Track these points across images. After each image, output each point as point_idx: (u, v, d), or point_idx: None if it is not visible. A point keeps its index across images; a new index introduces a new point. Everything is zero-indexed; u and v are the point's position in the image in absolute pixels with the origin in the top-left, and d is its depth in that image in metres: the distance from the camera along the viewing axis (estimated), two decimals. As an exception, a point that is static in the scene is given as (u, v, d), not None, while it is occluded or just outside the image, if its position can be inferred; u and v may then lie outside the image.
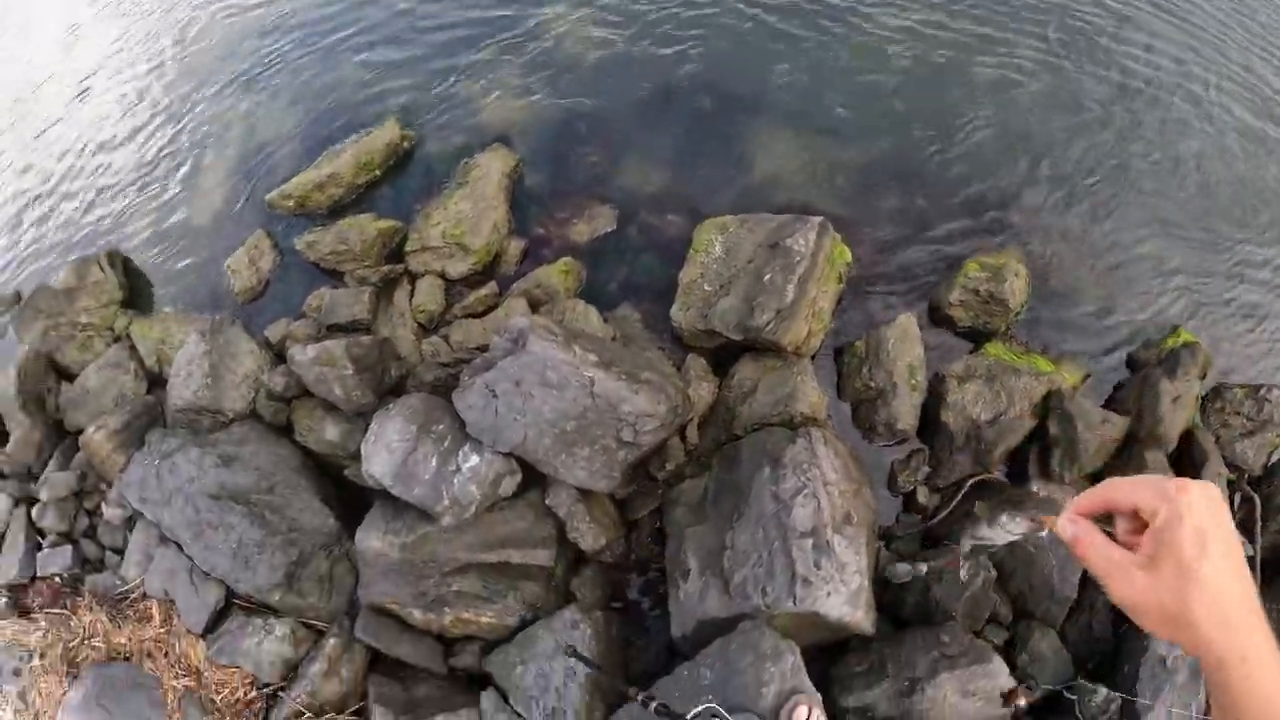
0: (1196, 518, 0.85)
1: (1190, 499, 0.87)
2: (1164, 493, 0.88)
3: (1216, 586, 0.83)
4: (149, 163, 5.63)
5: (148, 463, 3.93)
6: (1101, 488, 0.97)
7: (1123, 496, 0.94)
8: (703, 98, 4.75)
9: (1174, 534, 0.86)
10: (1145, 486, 0.91)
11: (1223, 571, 0.84)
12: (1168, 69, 5.09)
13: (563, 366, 3.29)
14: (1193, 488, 0.88)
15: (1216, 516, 0.87)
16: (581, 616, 3.34)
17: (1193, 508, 0.86)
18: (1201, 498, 0.87)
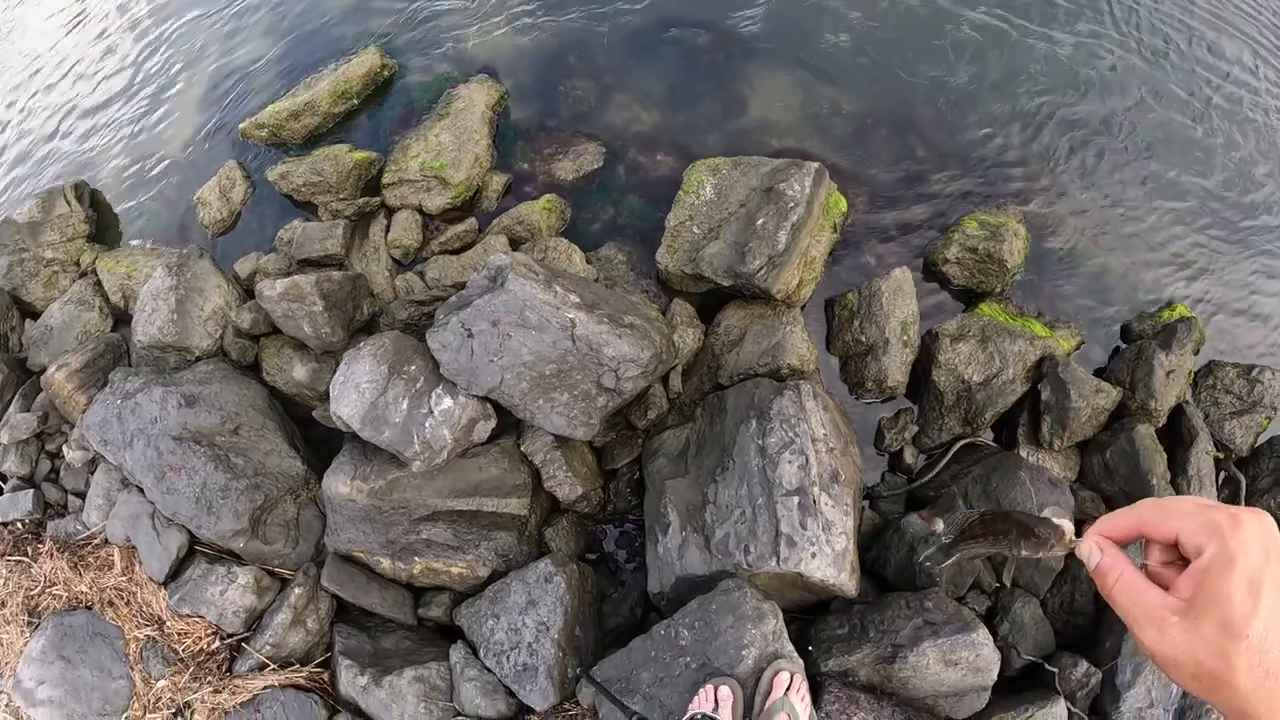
0: (1251, 563, 0.73)
1: (1245, 538, 0.74)
2: (1213, 527, 0.75)
3: (1267, 648, 0.71)
4: (118, 91, 5.37)
5: (110, 403, 3.75)
6: (1136, 509, 0.84)
7: (1161, 523, 0.81)
8: (699, 34, 4.53)
9: (1222, 582, 0.73)
10: (1189, 515, 0.78)
11: (1276, 632, 0.72)
12: (1191, 39, 4.89)
13: (543, 307, 3.13)
14: (1248, 522, 0.75)
15: (1273, 559, 0.74)
16: (556, 569, 3.22)
17: (1248, 550, 0.73)
18: (1258, 536, 0.74)
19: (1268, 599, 0.71)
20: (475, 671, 3.22)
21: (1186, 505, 0.79)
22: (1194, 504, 0.79)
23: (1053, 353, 3.72)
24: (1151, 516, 0.81)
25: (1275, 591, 0.72)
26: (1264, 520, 0.75)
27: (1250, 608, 0.71)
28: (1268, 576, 0.72)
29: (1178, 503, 0.80)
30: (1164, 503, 0.82)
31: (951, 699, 3.08)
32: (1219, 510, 0.76)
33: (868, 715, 3.01)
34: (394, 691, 3.22)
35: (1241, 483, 3.78)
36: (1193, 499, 0.81)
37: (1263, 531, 0.74)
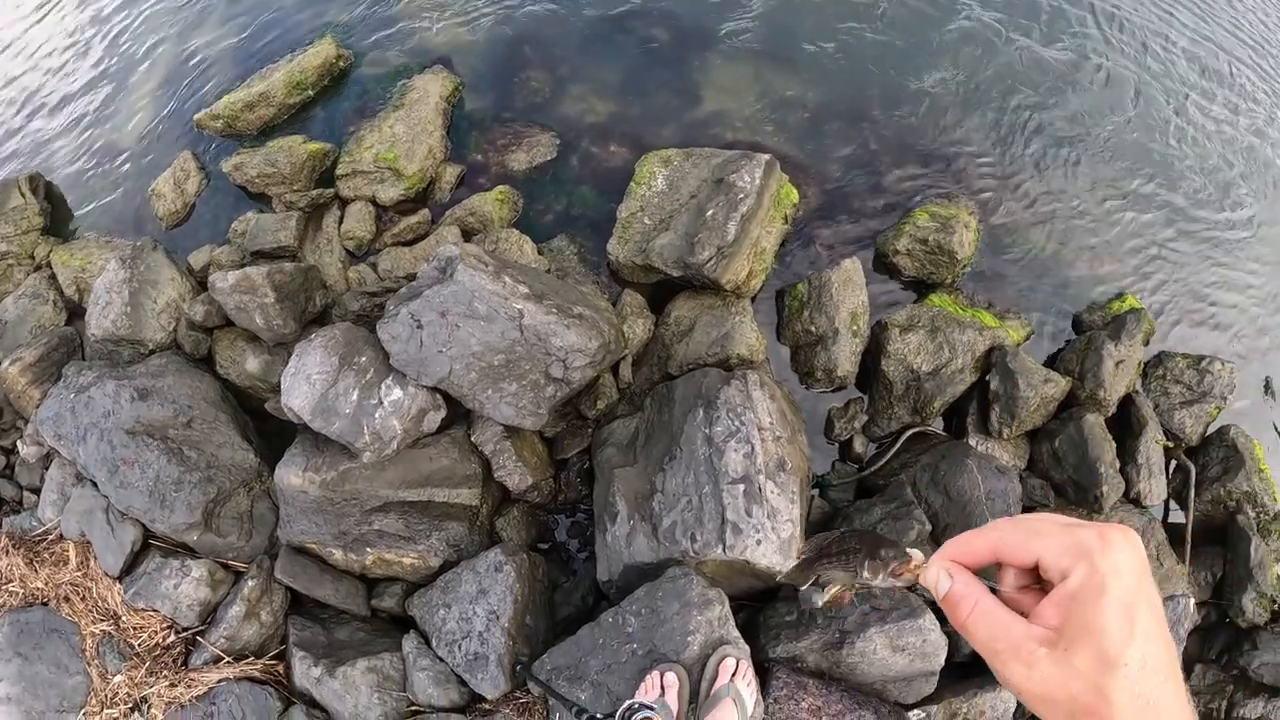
0: (1124, 588, 0.67)
1: (1116, 561, 0.68)
2: (1081, 549, 0.69)
3: (1145, 676, 0.67)
4: (73, 81, 5.31)
5: (63, 397, 3.73)
6: (993, 530, 0.77)
7: (1021, 545, 0.74)
8: (655, 27, 4.54)
9: (1095, 609, 0.67)
10: (1053, 536, 0.72)
11: (1152, 658, 0.67)
12: (1134, 37, 4.97)
13: (491, 298, 3.14)
14: (1116, 542, 0.69)
15: (1143, 580, 0.69)
16: (506, 558, 3.24)
17: (1120, 573, 0.68)
18: (1128, 557, 0.69)
19: (1144, 623, 0.67)
20: (428, 661, 3.23)
21: (1048, 525, 0.73)
22: (1056, 523, 0.73)
23: (1002, 343, 3.78)
24: (1010, 538, 0.75)
25: (1150, 616, 0.68)
26: (1132, 539, 0.70)
27: (1127, 635, 0.66)
28: (1142, 600, 0.68)
29: (1038, 522, 0.74)
30: (1023, 523, 0.75)
31: (900, 684, 3.14)
32: (1086, 530, 0.71)
33: (816, 701, 3.06)
34: (347, 682, 3.23)
35: (1191, 471, 3.87)
36: (1053, 517, 0.75)
37: (1133, 550, 0.70)
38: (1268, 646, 3.66)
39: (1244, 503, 3.84)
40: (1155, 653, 0.67)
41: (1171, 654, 0.68)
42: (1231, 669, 3.74)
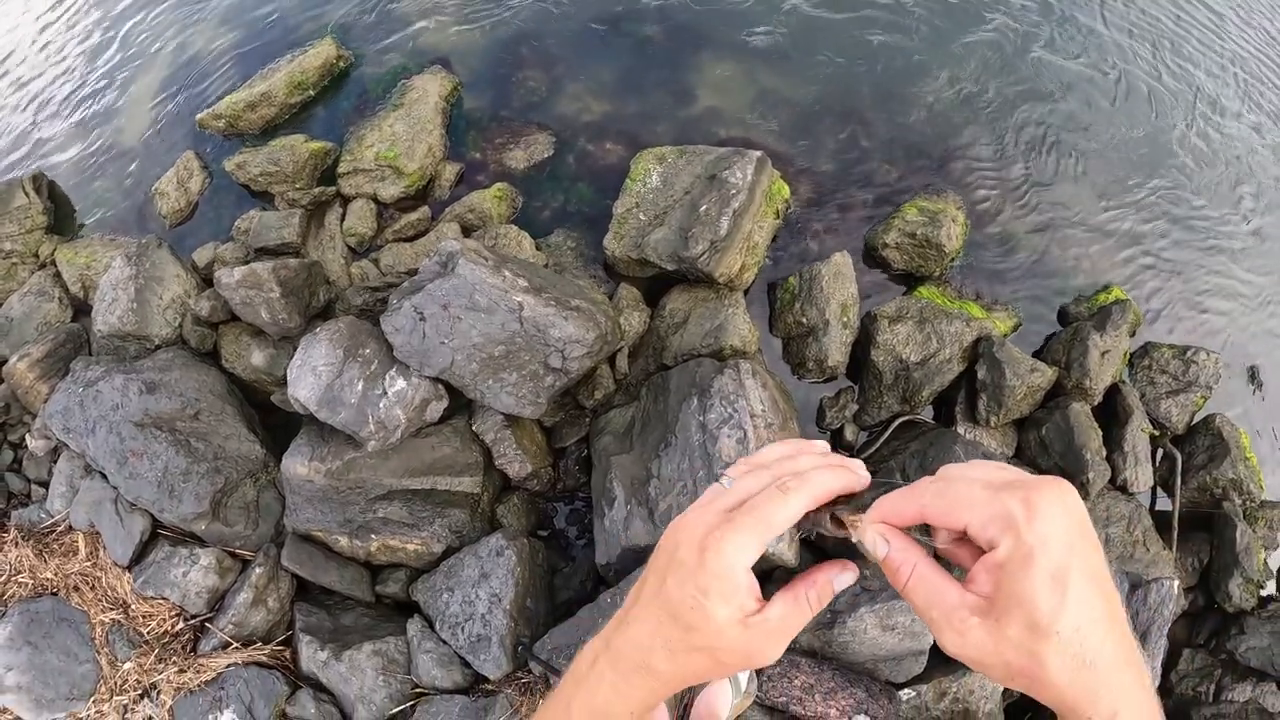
0: (1053, 556, 0.66)
1: (1042, 530, 0.67)
2: (1007, 518, 0.68)
3: (1080, 643, 0.67)
4: (76, 82, 5.38)
5: (72, 391, 3.81)
6: (918, 496, 0.75)
7: (946, 514, 0.73)
8: (651, 25, 4.63)
9: (1023, 581, 0.67)
10: (978, 505, 0.70)
11: (1088, 622, 0.67)
12: (1125, 35, 5.06)
13: (491, 290, 3.24)
14: (1044, 509, 0.67)
15: (1077, 543, 0.68)
16: (507, 542, 3.34)
17: (1047, 542, 0.66)
18: (1059, 521, 0.68)
19: (1076, 588, 0.66)
20: (431, 644, 3.33)
21: (974, 491, 0.71)
22: (982, 488, 0.71)
23: (989, 333, 3.86)
24: (935, 507, 0.73)
25: (1083, 577, 0.67)
26: (1065, 497, 0.69)
27: (1057, 604, 0.66)
28: (1074, 564, 0.67)
29: (964, 489, 0.72)
30: (949, 490, 0.73)
31: (890, 663, 3.23)
32: (1012, 495, 0.69)
33: (808, 679, 3.15)
34: (353, 665, 3.33)
35: (1177, 459, 3.93)
36: (979, 478, 0.73)
37: (1064, 512, 0.68)
38: (1255, 631, 3.72)
39: (1230, 490, 3.91)
40: (1090, 614, 0.67)
41: (1112, 609, 0.69)
42: (1219, 653, 3.79)
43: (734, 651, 0.79)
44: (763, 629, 0.78)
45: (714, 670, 0.81)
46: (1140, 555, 3.72)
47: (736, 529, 0.78)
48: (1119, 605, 0.70)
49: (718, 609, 0.77)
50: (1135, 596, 3.44)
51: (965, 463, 0.79)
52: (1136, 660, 0.70)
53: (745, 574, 0.78)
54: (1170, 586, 3.47)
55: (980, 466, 0.77)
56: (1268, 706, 3.64)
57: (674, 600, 0.79)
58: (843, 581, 0.83)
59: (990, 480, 0.73)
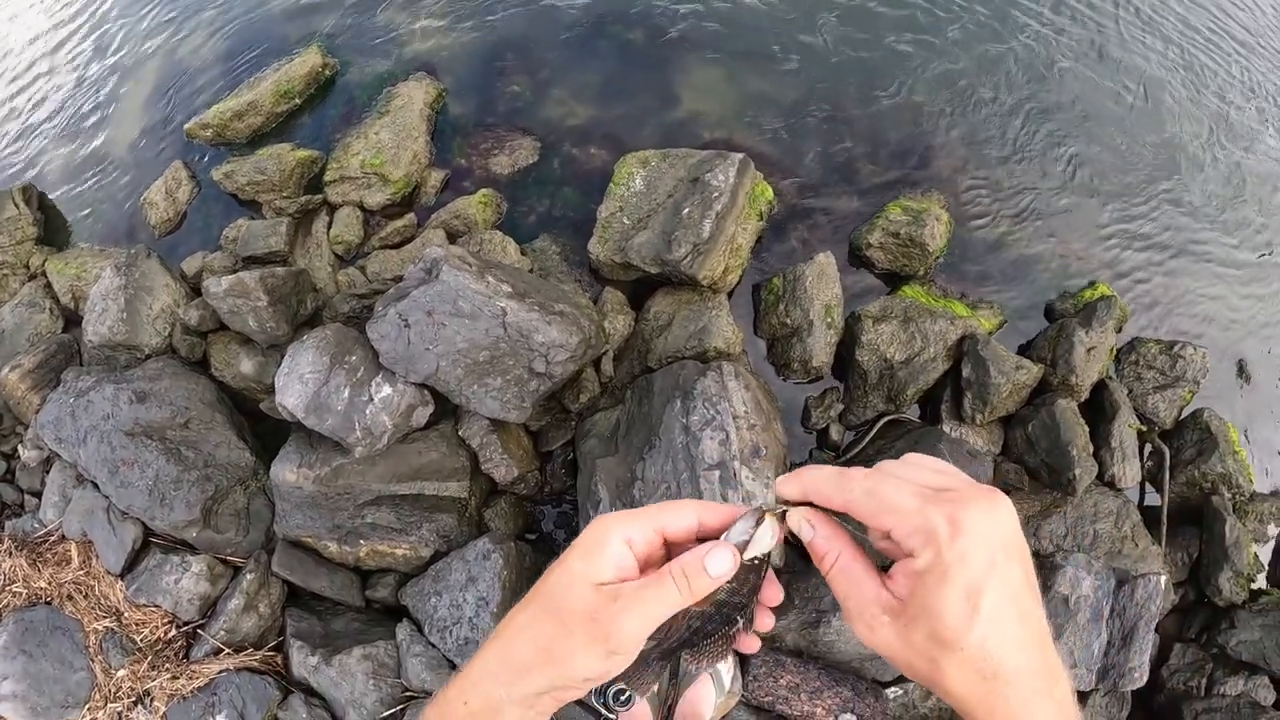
0: (970, 574, 0.67)
1: (964, 548, 0.67)
2: (929, 532, 0.68)
3: (985, 655, 0.68)
4: (64, 93, 5.41)
5: (63, 402, 3.85)
6: (847, 487, 0.75)
7: (873, 516, 0.73)
8: (634, 29, 4.65)
9: (936, 595, 0.67)
10: (904, 514, 0.70)
11: (996, 637, 0.67)
12: (1109, 33, 5.08)
13: (475, 297, 3.26)
14: (969, 527, 0.67)
15: (999, 561, 0.68)
16: (493, 546, 3.36)
17: (967, 560, 0.67)
18: (982, 539, 0.67)
19: (988, 606, 0.67)
20: (421, 648, 3.35)
21: (902, 498, 0.71)
22: (911, 495, 0.71)
23: (973, 331, 3.87)
24: (863, 505, 0.73)
25: (999, 595, 0.68)
26: (994, 512, 0.69)
27: (965, 621, 0.67)
28: (991, 583, 0.67)
29: (892, 493, 0.72)
30: (879, 490, 0.73)
31: (876, 661, 3.24)
32: (939, 508, 0.69)
33: (794, 678, 3.17)
34: (344, 670, 3.35)
35: (1166, 454, 3.94)
36: (911, 483, 0.73)
37: (990, 529, 0.68)
38: (1245, 625, 3.72)
39: (1219, 484, 3.92)
40: (999, 630, 0.67)
41: (1028, 625, 0.69)
42: (1211, 647, 3.79)
43: (577, 610, 0.75)
44: (611, 594, 0.75)
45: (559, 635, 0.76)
46: (1129, 551, 3.73)
47: (627, 511, 0.81)
48: (1038, 620, 0.71)
49: (575, 563, 0.77)
50: (1122, 592, 3.45)
51: (903, 460, 0.79)
52: (1052, 673, 0.71)
53: (619, 544, 0.78)
54: (1157, 582, 3.48)
55: (916, 467, 0.77)
56: (1260, 700, 3.65)
57: (552, 568, 0.81)
58: (717, 561, 0.77)
59: (922, 487, 0.72)
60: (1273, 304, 4.51)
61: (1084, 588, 3.42)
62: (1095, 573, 3.44)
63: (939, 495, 0.71)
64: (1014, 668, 0.68)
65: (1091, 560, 3.48)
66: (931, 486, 0.73)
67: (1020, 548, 0.71)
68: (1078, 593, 3.41)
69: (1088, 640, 3.41)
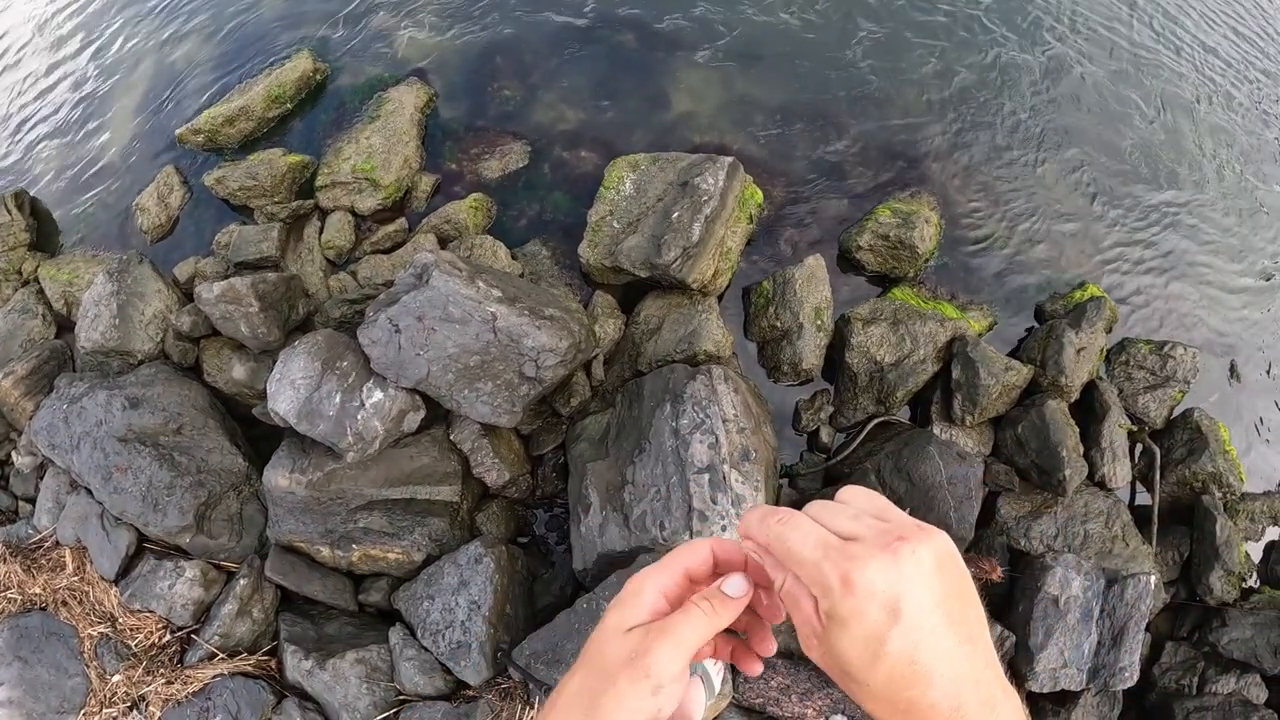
0: (868, 626, 0.69)
1: (858, 604, 0.69)
2: (824, 587, 0.71)
3: (895, 692, 0.70)
4: (56, 99, 5.42)
5: (56, 408, 3.86)
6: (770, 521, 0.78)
7: (782, 558, 0.75)
8: (623, 33, 4.66)
9: (838, 640, 0.71)
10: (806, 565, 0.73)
11: (905, 675, 0.70)
12: (1091, 31, 5.09)
13: (465, 302, 3.27)
14: (862, 585, 0.69)
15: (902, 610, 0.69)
16: (485, 550, 3.37)
17: (863, 613, 0.69)
18: (874, 597, 0.69)
19: (892, 651, 0.69)
20: (413, 651, 3.36)
21: (805, 550, 0.73)
22: (814, 547, 0.73)
23: (963, 333, 3.89)
24: (777, 549, 0.76)
25: (908, 639, 0.69)
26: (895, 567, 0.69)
27: (867, 665, 0.70)
28: (893, 635, 0.68)
29: (798, 544, 0.74)
30: (787, 538, 0.75)
31: (868, 662, 3.25)
32: (834, 567, 0.70)
33: (784, 680, 3.18)
34: (337, 674, 3.36)
35: (1156, 454, 3.96)
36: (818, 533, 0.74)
37: (887, 584, 0.69)
38: (1237, 623, 3.74)
39: (1209, 483, 3.94)
40: (912, 671, 0.69)
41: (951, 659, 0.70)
42: (1202, 646, 3.81)
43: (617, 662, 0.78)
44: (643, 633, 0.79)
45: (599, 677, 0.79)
46: (1119, 550, 3.75)
47: (653, 565, 0.84)
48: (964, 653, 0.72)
49: (611, 615, 0.81)
50: (1112, 592, 3.47)
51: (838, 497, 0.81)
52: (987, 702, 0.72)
53: (654, 594, 0.82)
54: (1147, 581, 3.49)
55: (836, 511, 0.78)
56: (1251, 698, 3.66)
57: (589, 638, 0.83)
58: (734, 586, 0.82)
59: (826, 539, 0.74)
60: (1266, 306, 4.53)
61: (1073, 588, 3.43)
62: (1085, 573, 3.46)
63: (840, 550, 0.72)
64: (929, 702, 0.70)
65: (1081, 561, 3.50)
66: (842, 534, 0.74)
67: (937, 590, 0.71)
68: (1067, 593, 3.42)
69: (1078, 640, 3.43)
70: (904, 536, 0.72)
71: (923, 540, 0.73)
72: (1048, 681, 3.39)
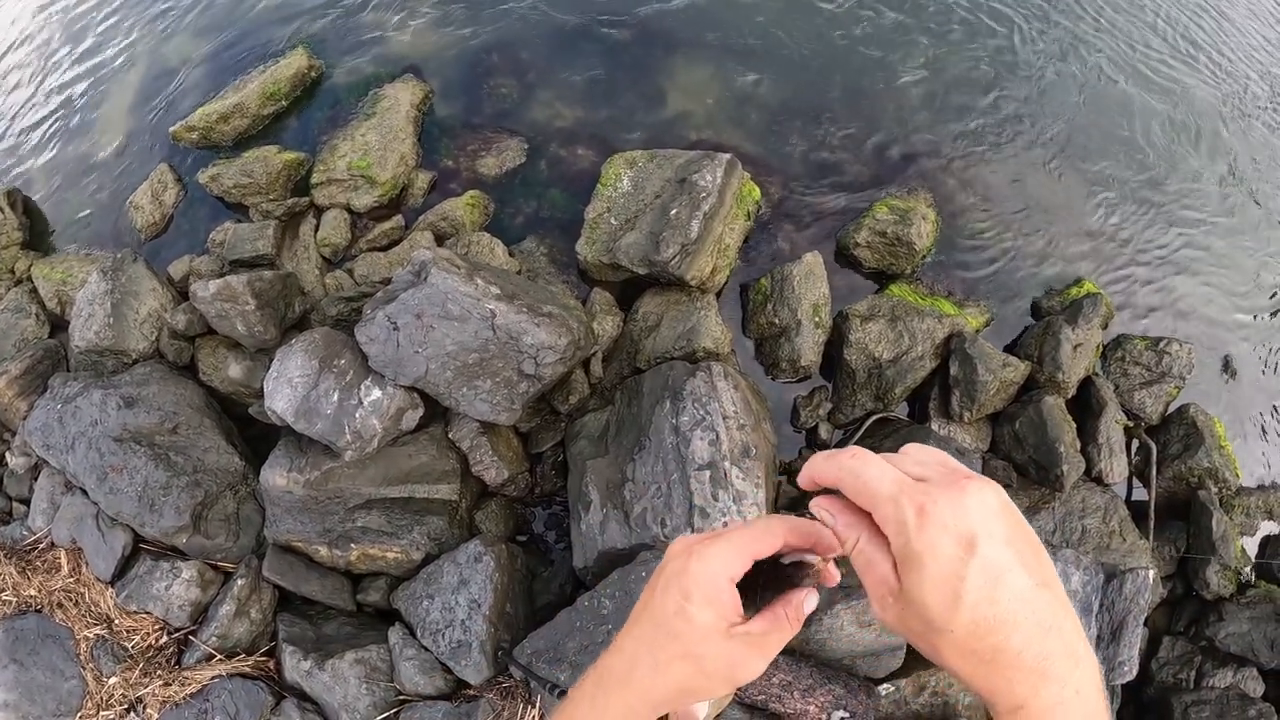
0: (942, 565, 0.68)
1: (932, 539, 0.68)
2: (899, 523, 0.70)
3: (977, 641, 0.69)
4: (49, 95, 5.37)
5: (50, 408, 3.83)
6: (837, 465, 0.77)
7: (857, 495, 0.75)
8: (620, 29, 4.64)
9: (914, 585, 0.70)
10: (880, 501, 0.72)
11: (988, 619, 0.68)
12: (1087, 25, 5.10)
13: (464, 299, 3.26)
14: (936, 517, 0.69)
15: (977, 545, 0.68)
16: (485, 549, 3.36)
17: (936, 551, 0.68)
18: (952, 528, 0.68)
19: (971, 591, 0.68)
20: (413, 651, 3.35)
21: (881, 485, 0.72)
22: (890, 483, 0.72)
23: (960, 329, 3.89)
24: (848, 485, 0.76)
25: (985, 578, 0.68)
26: (963, 501, 0.69)
27: (948, 607, 0.68)
28: (971, 569, 0.67)
29: (874, 478, 0.73)
30: (863, 472, 0.74)
31: (868, 659, 3.25)
32: (911, 500, 0.70)
33: (786, 676, 3.17)
34: (336, 674, 3.35)
35: (1153, 449, 3.97)
36: (890, 473, 0.73)
37: (958, 518, 0.68)
38: (1234, 617, 3.76)
39: (1205, 478, 3.95)
40: (990, 612, 0.68)
41: (1029, 606, 0.69)
42: (1199, 640, 3.83)
43: (718, 659, 0.81)
44: (745, 639, 0.81)
45: (697, 680, 0.82)
46: (1117, 545, 3.76)
47: (721, 539, 0.83)
48: (1042, 601, 0.70)
49: (700, 613, 0.80)
50: (1111, 587, 3.48)
51: (901, 451, 0.80)
52: (1070, 654, 0.71)
53: (728, 584, 0.81)
54: (1146, 576, 3.50)
55: (906, 456, 0.79)
56: (1248, 692, 3.69)
57: (659, 609, 0.83)
58: (811, 603, 0.85)
59: (901, 476, 0.73)
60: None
61: (1073, 583, 3.44)
62: (1084, 568, 3.47)
63: (915, 486, 0.72)
64: (1014, 650, 0.69)
65: (1080, 555, 3.51)
66: (912, 475, 0.74)
67: (1005, 528, 0.71)
68: (1066, 588, 3.42)
69: (1078, 634, 3.44)
70: (969, 476, 0.73)
71: (986, 482, 0.72)
72: (1048, 676, 3.39)
